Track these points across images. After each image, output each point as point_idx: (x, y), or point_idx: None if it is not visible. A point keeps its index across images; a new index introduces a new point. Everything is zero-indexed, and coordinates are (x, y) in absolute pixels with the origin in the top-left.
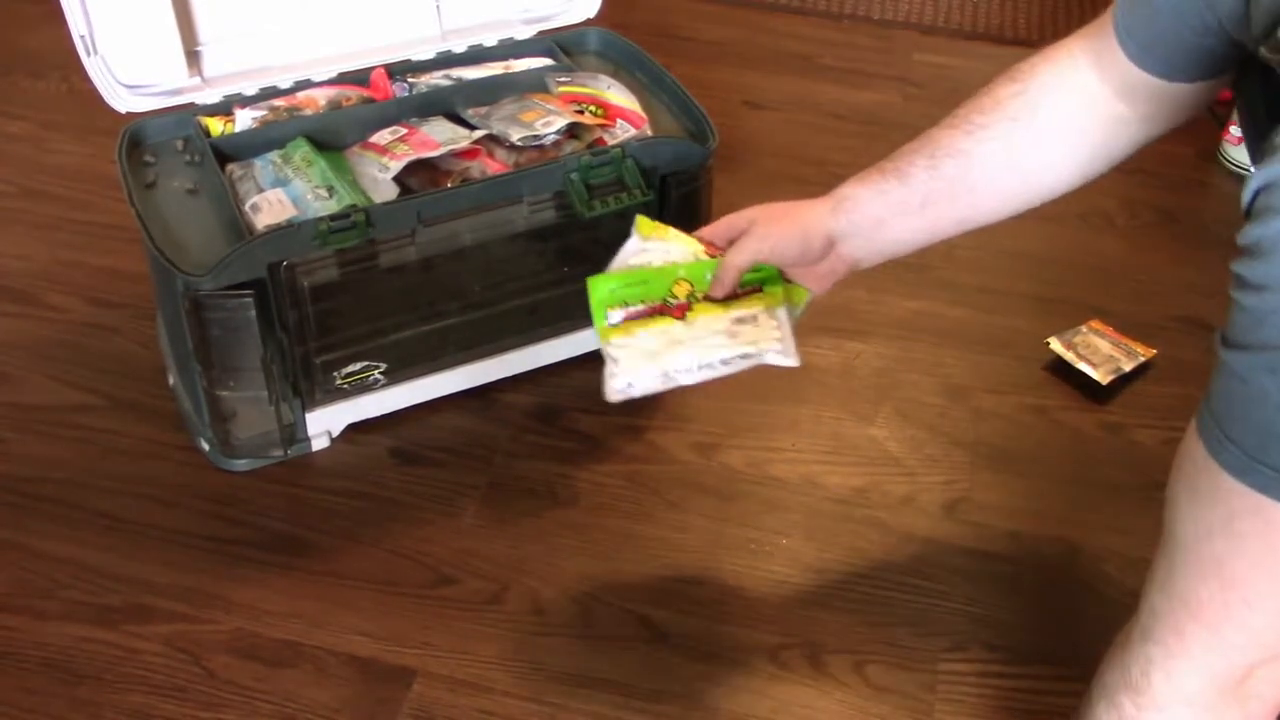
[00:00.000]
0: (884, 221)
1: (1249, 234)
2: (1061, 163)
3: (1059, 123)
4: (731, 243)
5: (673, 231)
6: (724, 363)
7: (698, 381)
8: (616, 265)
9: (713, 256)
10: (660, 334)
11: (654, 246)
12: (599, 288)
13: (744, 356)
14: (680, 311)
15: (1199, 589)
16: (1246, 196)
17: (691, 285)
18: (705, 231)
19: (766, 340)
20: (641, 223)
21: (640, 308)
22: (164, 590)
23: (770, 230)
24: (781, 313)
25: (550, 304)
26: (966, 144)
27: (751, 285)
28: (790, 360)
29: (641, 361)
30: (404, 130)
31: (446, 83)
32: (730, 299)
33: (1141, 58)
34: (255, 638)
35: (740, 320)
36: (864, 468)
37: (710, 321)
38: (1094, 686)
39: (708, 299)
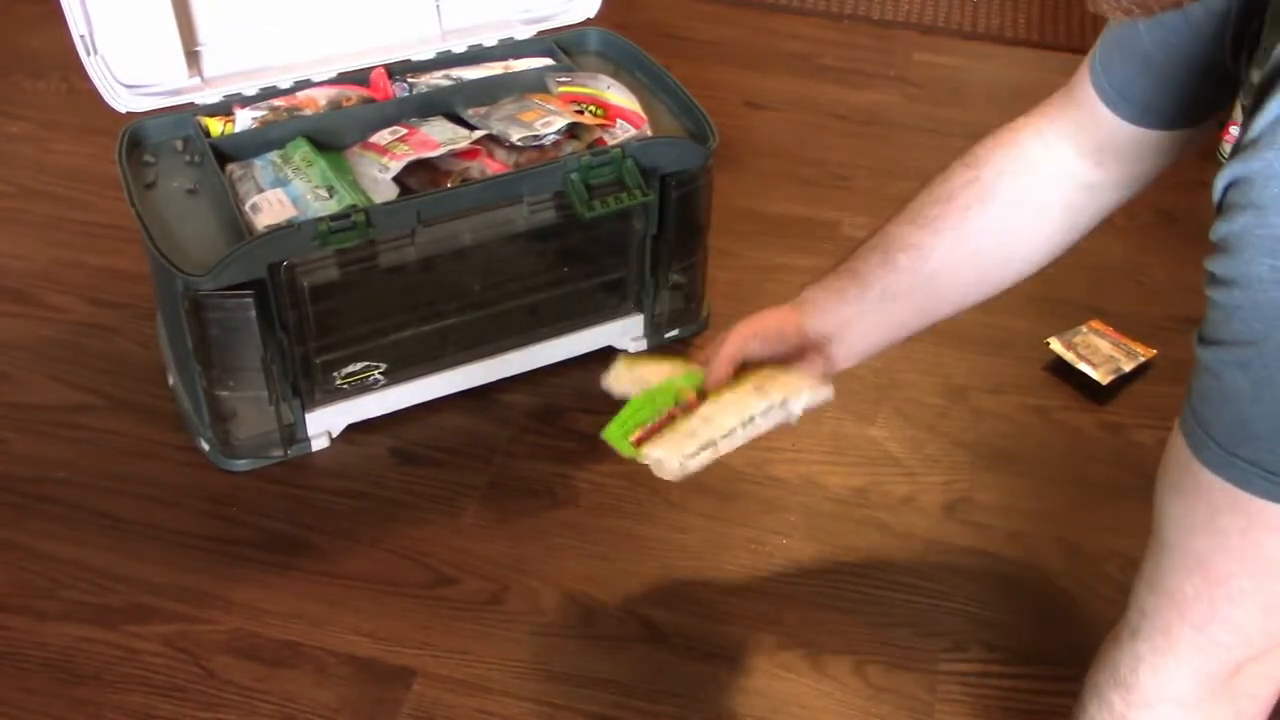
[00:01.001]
0: (847, 323)
1: (1219, 229)
2: (1023, 245)
3: (1016, 206)
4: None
5: (655, 357)
6: (763, 415)
7: (743, 442)
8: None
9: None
10: (686, 423)
11: (645, 369)
12: (613, 431)
13: (781, 405)
14: (695, 406)
15: (1184, 586)
16: (1217, 192)
17: (694, 389)
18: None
19: (796, 386)
20: (623, 358)
21: (656, 421)
22: (164, 590)
23: (750, 325)
24: (793, 374)
25: (550, 304)
26: (919, 237)
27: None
28: (825, 393)
29: (683, 444)
30: (404, 130)
31: (446, 83)
32: (737, 377)
33: (1136, 110)
34: (255, 638)
35: (759, 388)
36: (864, 468)
37: (731, 395)
38: (1086, 685)
39: (709, 388)
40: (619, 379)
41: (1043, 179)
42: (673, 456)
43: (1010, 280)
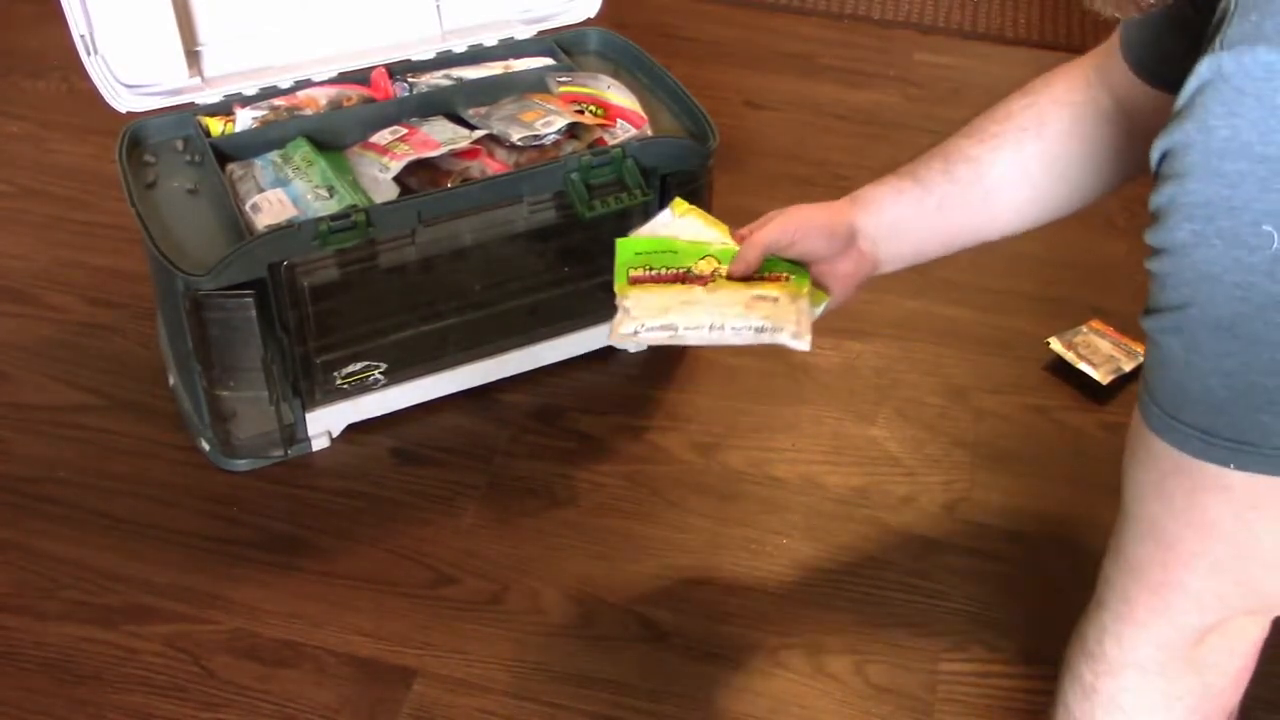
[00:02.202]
0: (901, 222)
1: (1152, 200)
2: (1073, 174)
3: (1069, 135)
4: None
5: (705, 214)
6: (734, 330)
7: (704, 343)
8: (644, 232)
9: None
10: (677, 294)
11: (684, 224)
12: (626, 249)
13: (757, 330)
14: (702, 282)
15: (1140, 553)
16: (1153, 164)
17: (718, 264)
18: (741, 229)
19: (782, 319)
20: (678, 202)
21: (663, 273)
22: (164, 590)
23: (797, 215)
24: (803, 302)
25: (550, 304)
26: (979, 151)
27: (778, 275)
28: (802, 343)
29: (653, 312)
30: (404, 130)
31: (446, 83)
32: (754, 280)
33: (1151, 76)
34: (255, 638)
35: (760, 298)
36: (864, 468)
37: (730, 294)
38: (1062, 662)
39: (731, 278)
40: (670, 211)
41: (1091, 116)
42: (633, 321)
43: (1058, 209)
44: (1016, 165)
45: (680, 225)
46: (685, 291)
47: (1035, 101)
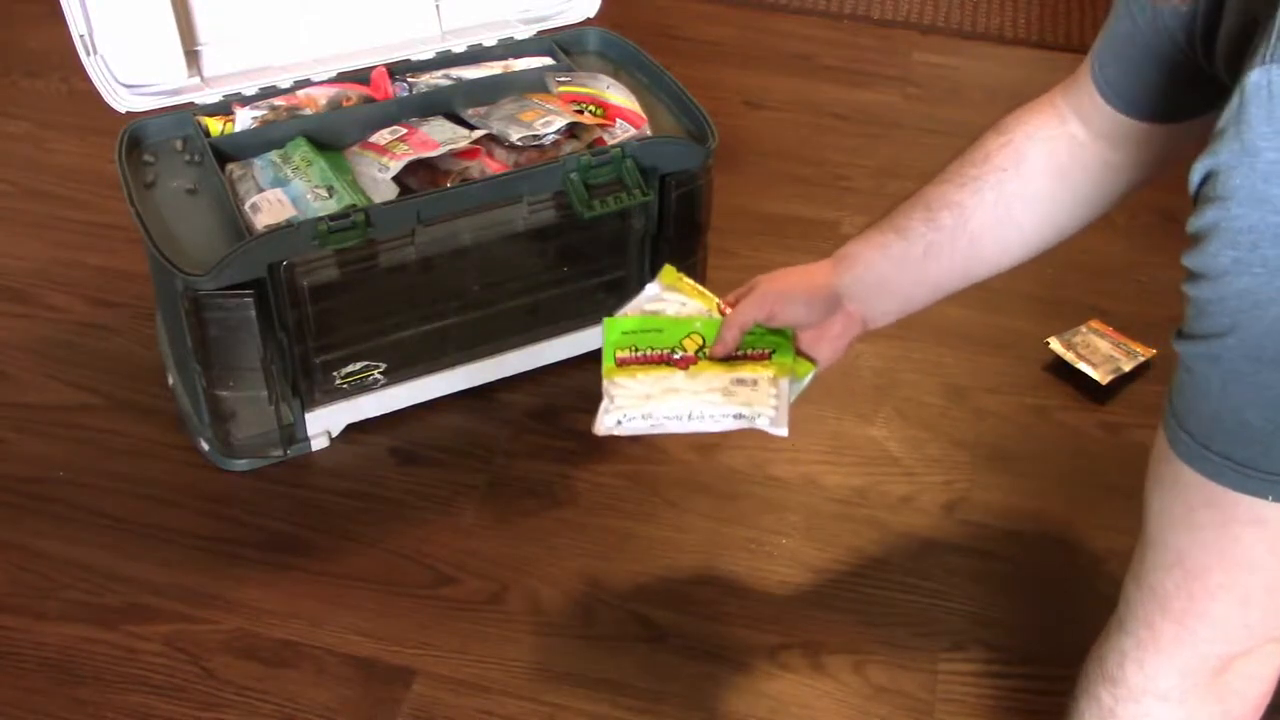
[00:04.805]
0: (888, 277)
1: (1192, 223)
2: (1055, 209)
3: (1047, 170)
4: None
5: (693, 285)
6: (713, 418)
7: (685, 431)
8: (631, 309)
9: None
10: (659, 380)
11: (671, 298)
12: (614, 329)
13: (736, 417)
14: (685, 364)
15: (1165, 581)
16: (1193, 185)
17: (703, 340)
18: (729, 296)
19: (760, 405)
20: (665, 272)
21: (648, 354)
22: (164, 590)
23: (774, 288)
24: (784, 383)
25: (550, 304)
26: (960, 196)
27: (761, 350)
28: (779, 430)
29: (635, 402)
30: (404, 130)
31: (446, 82)
32: (737, 360)
33: (1126, 106)
34: (255, 638)
35: (740, 381)
36: (864, 468)
37: (711, 378)
38: (1078, 681)
39: (712, 358)
40: (659, 283)
41: (1069, 149)
42: (617, 412)
43: (1043, 244)
44: (999, 206)
45: (666, 298)
46: (667, 377)
47: (1011, 140)
